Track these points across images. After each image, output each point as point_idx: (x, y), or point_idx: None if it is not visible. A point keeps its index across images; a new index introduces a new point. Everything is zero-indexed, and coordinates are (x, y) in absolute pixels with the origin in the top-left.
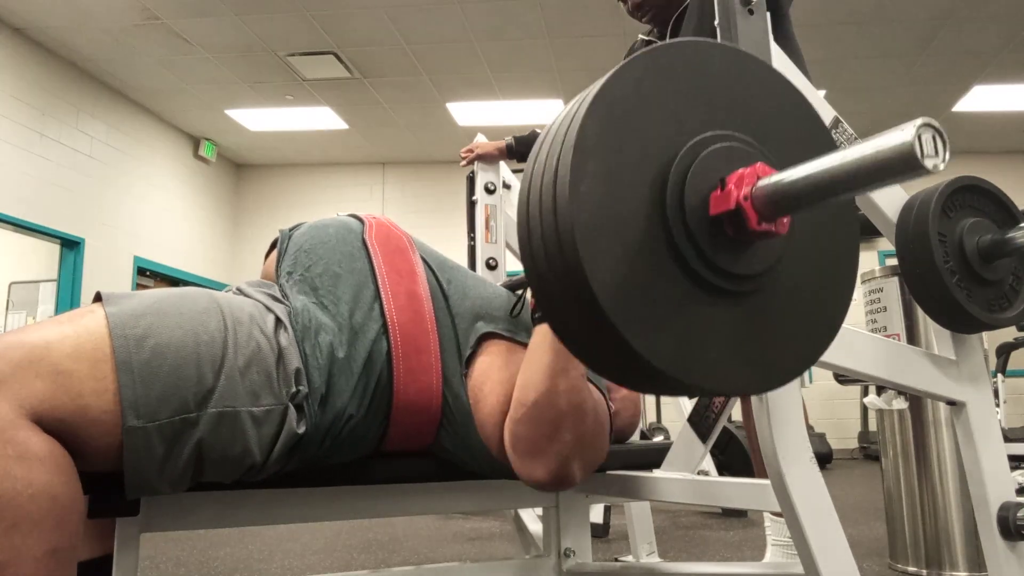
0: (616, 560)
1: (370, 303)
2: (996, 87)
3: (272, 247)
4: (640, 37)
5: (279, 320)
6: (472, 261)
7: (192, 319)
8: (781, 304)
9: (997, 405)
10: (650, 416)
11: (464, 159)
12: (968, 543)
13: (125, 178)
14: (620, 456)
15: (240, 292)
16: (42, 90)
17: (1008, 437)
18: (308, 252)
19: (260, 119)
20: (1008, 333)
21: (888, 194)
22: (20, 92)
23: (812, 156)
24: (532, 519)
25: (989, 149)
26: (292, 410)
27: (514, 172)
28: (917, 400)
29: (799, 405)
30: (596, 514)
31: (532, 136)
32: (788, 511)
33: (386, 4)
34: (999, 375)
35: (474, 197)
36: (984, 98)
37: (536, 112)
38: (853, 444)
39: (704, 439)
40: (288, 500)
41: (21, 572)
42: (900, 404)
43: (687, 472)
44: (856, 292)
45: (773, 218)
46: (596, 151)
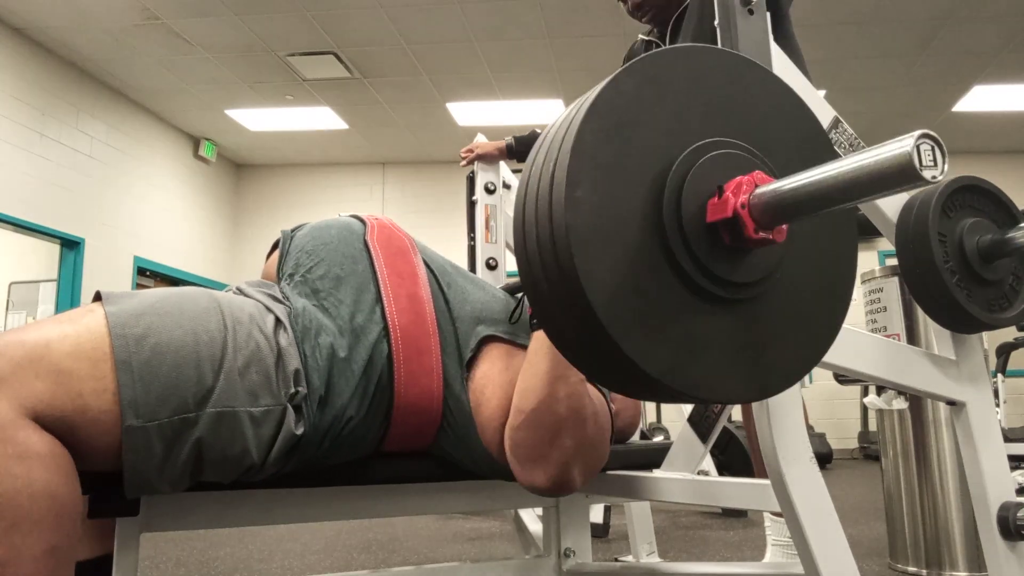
0: (616, 560)
1: (371, 305)
2: (996, 87)
3: (274, 248)
4: (640, 37)
5: (279, 320)
6: (472, 261)
7: (192, 319)
8: (778, 311)
9: (997, 405)
10: (650, 416)
11: (464, 159)
12: (968, 543)
13: (125, 178)
14: (620, 456)
15: (240, 292)
16: (42, 90)
17: (1008, 437)
18: (310, 254)
19: (260, 119)
20: (1008, 333)
21: None
22: (20, 92)
23: (811, 164)
24: (532, 519)
25: (989, 149)
26: (291, 411)
27: (514, 172)
28: (917, 400)
29: (799, 405)
30: (596, 514)
31: (532, 136)
32: (788, 511)
33: (386, 4)
34: (999, 375)
35: (474, 197)
36: (984, 98)
37: (536, 112)
38: (853, 444)
39: (704, 439)
40: (288, 500)
41: (20, 571)
42: (900, 404)
43: (687, 472)
44: (856, 292)
45: (771, 226)
46: (593, 157)
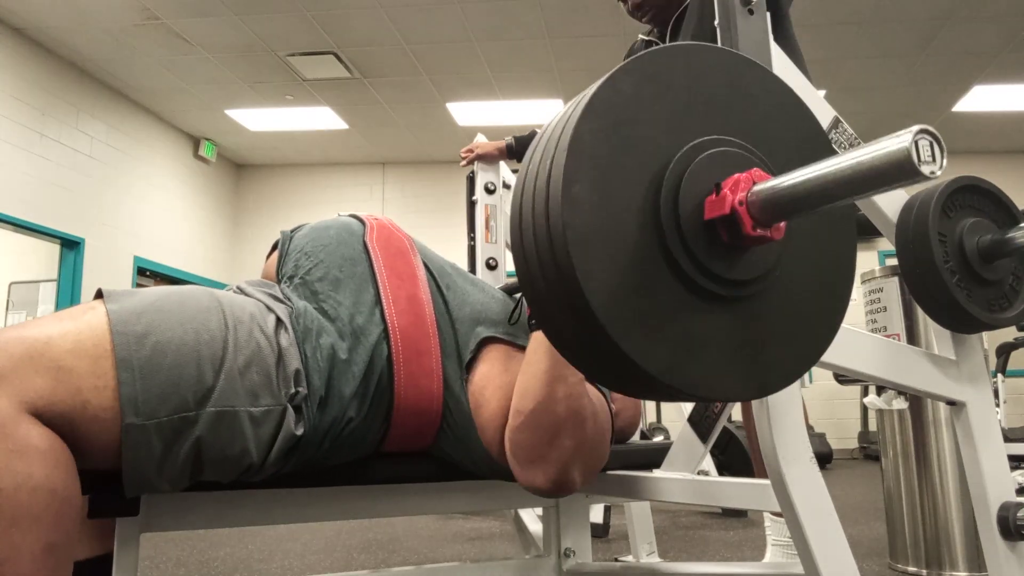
0: (616, 560)
1: (371, 307)
2: (996, 87)
3: (273, 248)
4: (640, 37)
5: (280, 320)
6: (472, 261)
7: (193, 317)
8: (777, 309)
9: (997, 405)
10: (650, 416)
11: (464, 159)
12: (968, 543)
13: (125, 178)
14: (620, 456)
15: (241, 291)
16: (42, 90)
17: (1008, 437)
18: (309, 255)
19: (260, 119)
20: (1008, 333)
21: (888, 194)
22: (20, 92)
23: (809, 162)
24: (532, 519)
25: (989, 149)
26: (291, 411)
27: (514, 172)
28: (917, 400)
29: (799, 405)
30: (596, 514)
31: (532, 136)
32: (788, 511)
33: (386, 4)
34: (999, 375)
35: (474, 197)
36: (984, 98)
37: (536, 112)
38: (853, 444)
39: (704, 439)
40: (288, 500)
41: (19, 569)
42: (900, 404)
43: (687, 472)
44: (856, 292)
45: (768, 224)
46: (590, 154)
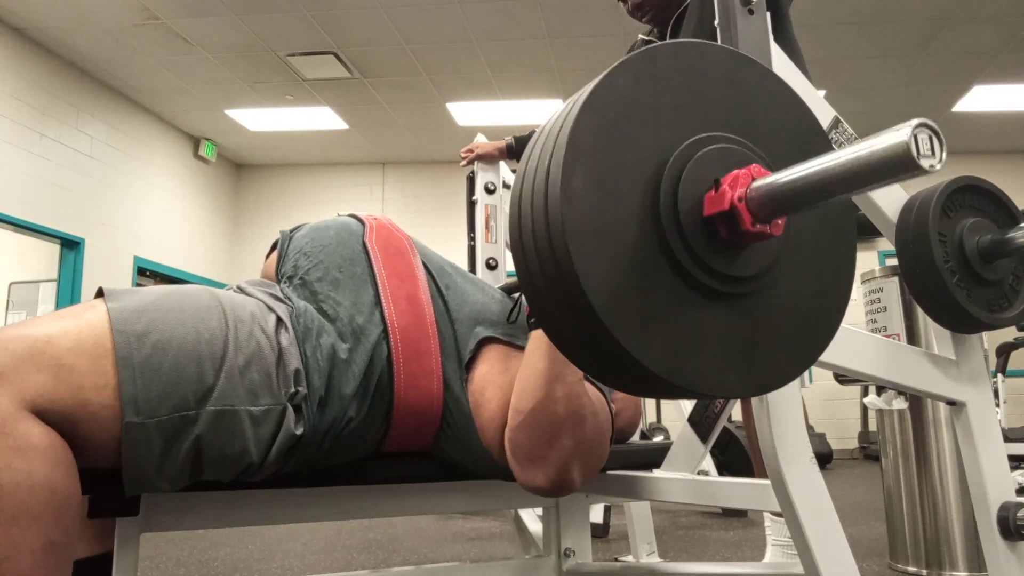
0: (616, 560)
1: (370, 307)
2: (996, 87)
3: (273, 248)
4: (640, 37)
5: (280, 320)
6: (472, 261)
7: (194, 316)
8: (777, 307)
9: (997, 405)
10: (650, 416)
11: (464, 159)
12: (968, 543)
13: (125, 178)
14: (620, 456)
15: (241, 291)
16: (42, 90)
17: (1008, 437)
18: (308, 255)
19: (260, 119)
20: (1008, 333)
21: (888, 194)
22: (20, 92)
23: (807, 158)
24: (532, 519)
25: (989, 149)
26: (290, 411)
27: (514, 172)
28: (917, 400)
29: (799, 405)
30: (596, 514)
31: (532, 136)
32: (788, 511)
33: (386, 4)
34: (999, 375)
35: (474, 197)
36: (984, 98)
37: (536, 112)
38: (853, 444)
39: (704, 439)
40: (288, 500)
41: (19, 566)
42: (900, 404)
43: (687, 472)
44: (856, 292)
45: (768, 219)
46: (589, 150)
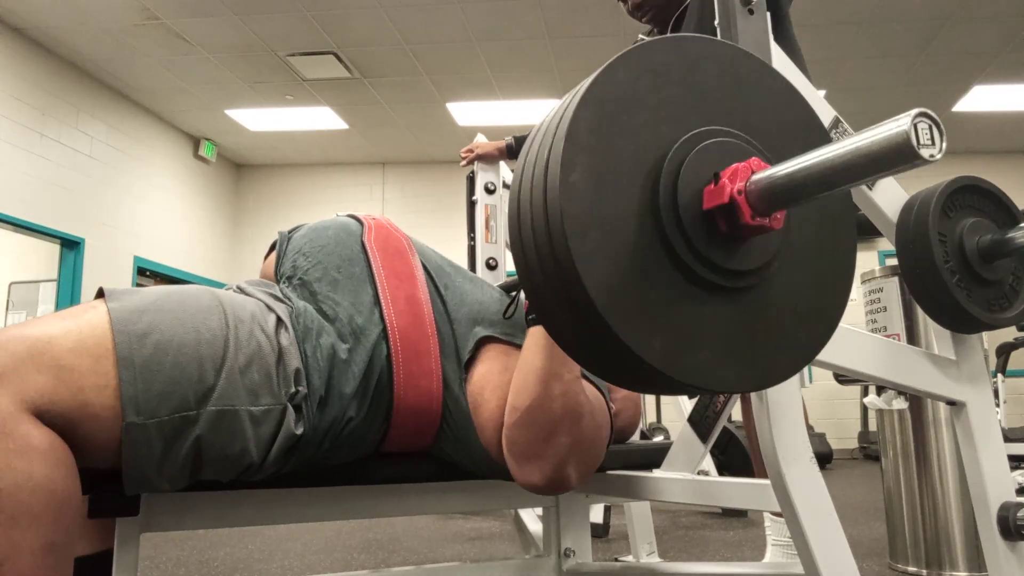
0: (616, 560)
1: (370, 307)
2: (996, 87)
3: (272, 248)
4: (640, 37)
5: (280, 320)
6: (472, 261)
7: (194, 316)
8: (777, 302)
9: (997, 405)
10: (650, 416)
11: (464, 159)
12: (968, 543)
13: (125, 178)
14: (620, 456)
15: (241, 291)
16: (42, 90)
17: (1008, 437)
18: (307, 256)
19: (260, 119)
20: (1008, 333)
21: (888, 194)
22: (20, 92)
23: (806, 151)
24: (532, 519)
25: (989, 149)
26: (291, 410)
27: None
28: (917, 400)
29: (799, 405)
30: (596, 514)
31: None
32: (788, 511)
33: (386, 4)
34: (999, 375)
35: (474, 197)
36: (984, 98)
37: (536, 112)
38: (853, 444)
39: (704, 439)
40: (288, 500)
41: (19, 567)
42: (900, 404)
43: (687, 472)
44: (856, 292)
45: (767, 212)
46: (588, 143)
